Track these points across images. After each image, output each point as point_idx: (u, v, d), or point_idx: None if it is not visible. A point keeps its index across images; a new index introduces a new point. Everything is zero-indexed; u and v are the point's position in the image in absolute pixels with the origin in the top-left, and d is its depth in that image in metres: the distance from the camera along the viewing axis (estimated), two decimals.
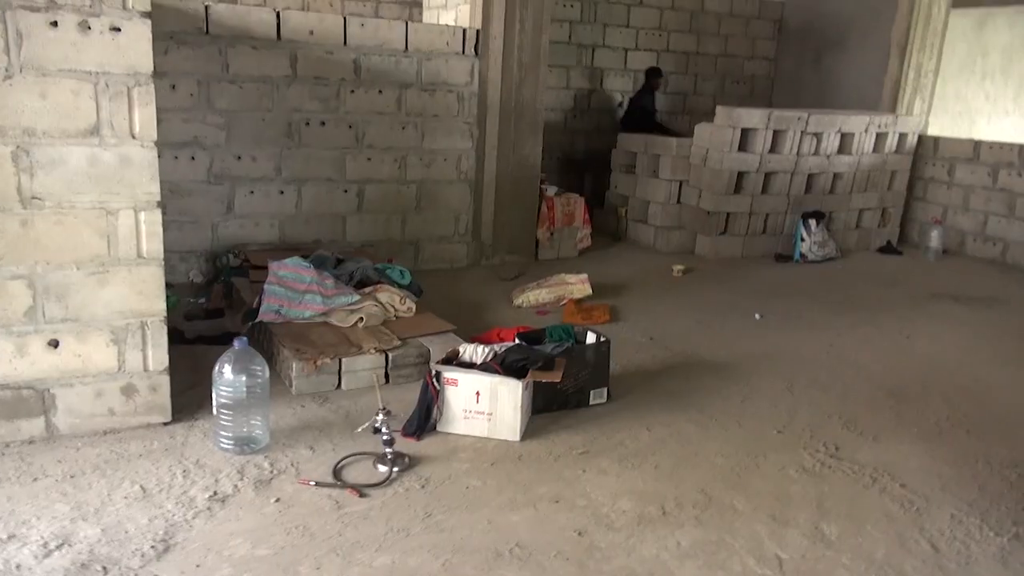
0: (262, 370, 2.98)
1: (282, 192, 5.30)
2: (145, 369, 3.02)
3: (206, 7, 4.86)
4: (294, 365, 3.47)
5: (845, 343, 4.70)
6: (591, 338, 3.66)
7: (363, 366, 3.61)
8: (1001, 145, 7.45)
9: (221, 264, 5.02)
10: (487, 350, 3.37)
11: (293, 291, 3.96)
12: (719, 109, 6.76)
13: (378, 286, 4.24)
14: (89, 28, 2.70)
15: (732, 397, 3.77)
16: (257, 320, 3.91)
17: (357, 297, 4.06)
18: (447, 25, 5.71)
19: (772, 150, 6.84)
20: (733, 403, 3.69)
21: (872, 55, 8.52)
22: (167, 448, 2.94)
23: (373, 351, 3.62)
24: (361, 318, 3.90)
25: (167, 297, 4.61)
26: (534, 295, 5.09)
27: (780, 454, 3.19)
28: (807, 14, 9.51)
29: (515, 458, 3.03)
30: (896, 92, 8.04)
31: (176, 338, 4.05)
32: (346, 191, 5.50)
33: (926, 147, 7.93)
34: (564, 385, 3.40)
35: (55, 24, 2.65)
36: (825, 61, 9.37)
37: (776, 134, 6.81)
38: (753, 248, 7.03)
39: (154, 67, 4.71)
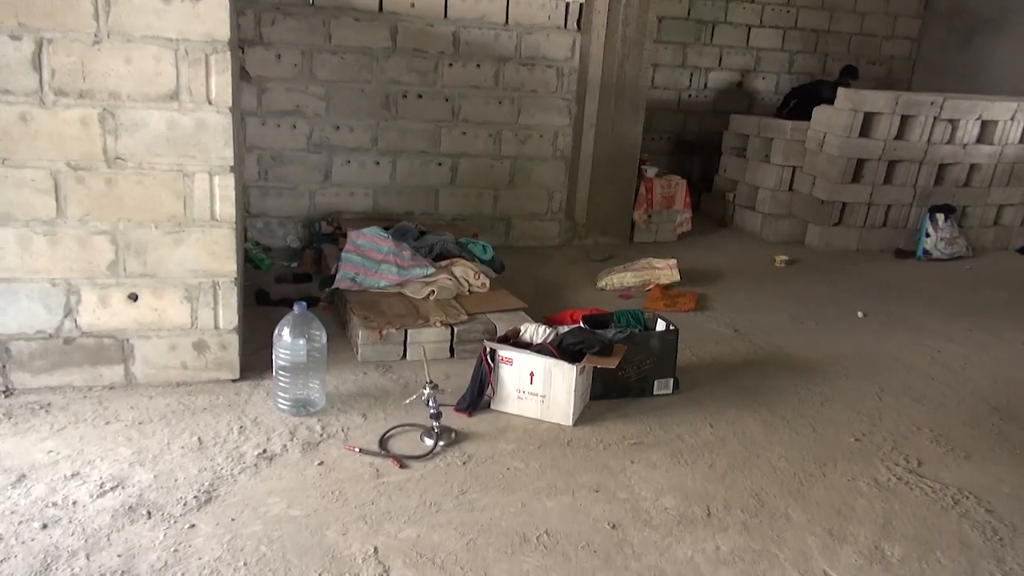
0: (320, 335, 3.05)
1: (377, 163, 5.40)
2: (216, 327, 3.16)
3: None
4: (360, 333, 3.53)
5: (954, 351, 4.30)
6: (661, 326, 3.51)
7: (428, 338, 3.62)
8: None
9: (314, 231, 5.18)
10: (548, 331, 3.31)
11: (370, 260, 4.02)
12: (840, 91, 6.31)
13: (455, 260, 4.24)
14: None
15: (810, 399, 3.52)
16: (333, 287, 4.00)
17: (432, 270, 4.08)
18: None
19: (899, 136, 6.32)
20: (810, 405, 3.45)
21: None
22: (230, 404, 3.07)
23: (439, 324, 3.63)
24: (433, 291, 3.92)
25: (262, 260, 4.88)
26: (619, 278, 4.95)
27: (852, 464, 2.96)
28: None
29: (563, 443, 2.96)
30: None
31: (261, 299, 4.24)
32: (440, 164, 5.54)
33: None
34: (625, 372, 3.28)
35: None
36: (976, 43, 8.56)
37: (904, 119, 6.29)
38: (870, 241, 6.55)
39: (260, 37, 4.95)
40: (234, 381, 3.24)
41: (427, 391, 2.90)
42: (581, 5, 5.53)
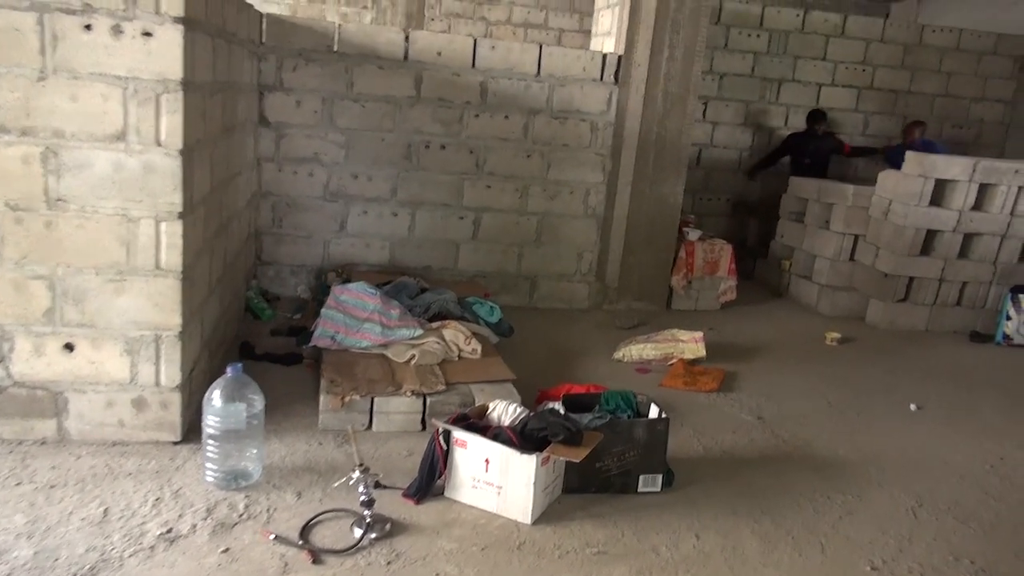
0: (258, 400, 2.76)
1: (395, 214, 5.18)
2: (157, 384, 2.92)
3: (338, 26, 4.87)
4: (321, 399, 3.24)
5: (1022, 459, 3.66)
6: (653, 412, 3.07)
7: (397, 408, 3.30)
8: None
9: (321, 282, 4.97)
10: (519, 411, 2.93)
11: (353, 318, 3.75)
12: (909, 155, 5.74)
13: (446, 322, 3.92)
14: (121, 32, 2.65)
15: (829, 510, 2.99)
16: (311, 344, 3.74)
17: (420, 331, 3.77)
18: (585, 50, 5.32)
19: (976, 207, 5.68)
20: (827, 518, 2.93)
21: None
22: (159, 470, 2.81)
23: (409, 393, 3.30)
24: (414, 355, 3.60)
25: (262, 310, 4.69)
26: (638, 349, 4.52)
27: None
28: None
29: (513, 546, 2.55)
30: None
31: (245, 352, 4.02)
32: (462, 218, 5.28)
33: None
34: (604, 464, 2.86)
35: (89, 27, 2.63)
36: None
37: (983, 188, 5.66)
38: (941, 322, 5.87)
39: (281, 82, 4.86)
40: (174, 444, 2.99)
41: (356, 474, 2.56)
42: (619, 58, 5.23)
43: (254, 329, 4.45)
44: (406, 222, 5.21)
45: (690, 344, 4.50)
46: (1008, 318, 5.73)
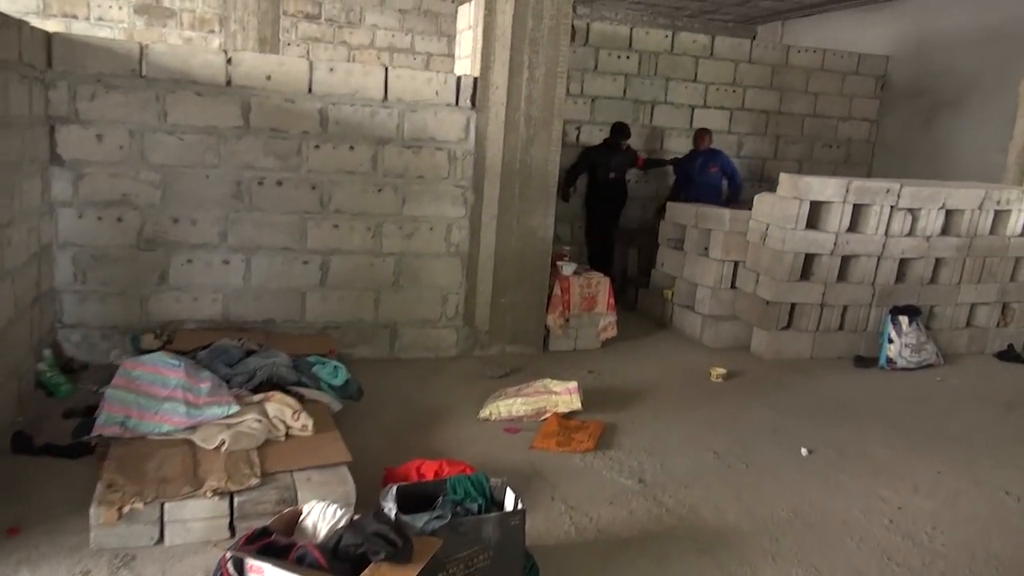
0: None
1: (227, 262, 4.50)
2: None
3: (142, 46, 4.19)
4: (92, 511, 2.55)
5: (919, 507, 3.35)
6: (509, 500, 2.55)
7: (197, 513, 2.64)
8: None
9: (133, 346, 4.23)
10: (341, 513, 2.34)
11: (150, 398, 3.07)
12: (783, 177, 5.53)
13: (270, 394, 3.29)
14: None
15: None
16: (93, 434, 3.03)
17: (236, 408, 3.13)
18: (437, 72, 4.84)
19: (852, 228, 5.52)
20: None
21: (996, 118, 7.06)
22: None
23: (210, 494, 2.65)
24: (224, 440, 2.95)
25: (57, 386, 3.90)
26: (507, 405, 4.01)
27: None
28: (916, 69, 8.13)
29: None
30: (1022, 161, 6.54)
31: (20, 444, 3.26)
32: (306, 263, 4.65)
33: None
34: (450, 573, 2.30)
35: None
36: (938, 124, 7.93)
37: (857, 209, 5.50)
38: (825, 348, 5.67)
39: (76, 114, 4.12)
40: None
41: None
42: (475, 80, 4.77)
43: (46, 410, 3.67)
44: (240, 270, 4.54)
45: (564, 396, 4.02)
46: (890, 341, 5.57)
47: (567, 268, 5.35)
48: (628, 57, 7.40)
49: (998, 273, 6.11)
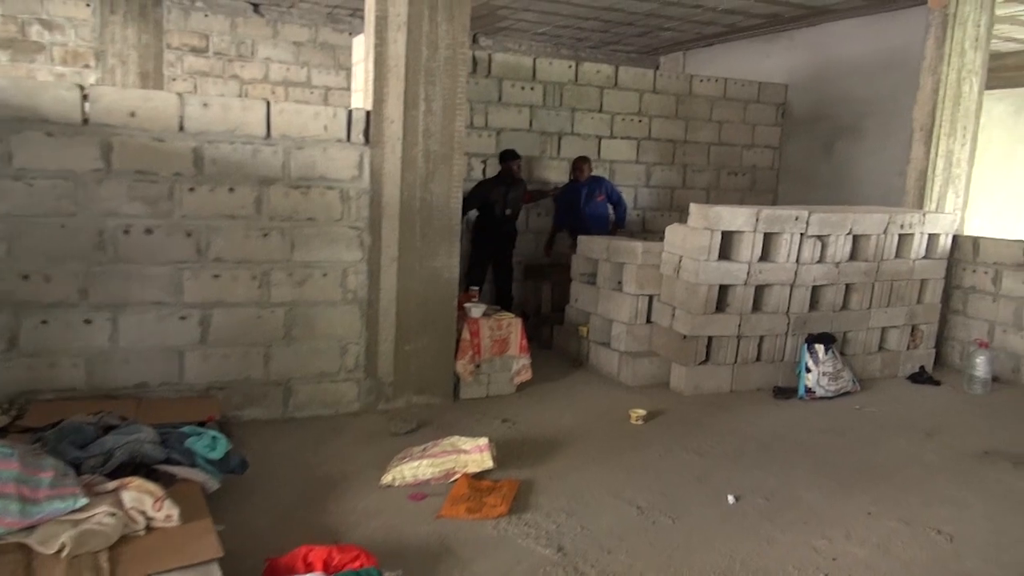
0: None
1: (89, 321, 3.99)
2: None
3: None
4: None
5: (853, 556, 3.15)
6: None
7: None
8: None
9: None
10: None
11: None
12: (693, 207, 5.39)
13: (127, 480, 2.82)
14: None
15: None
16: None
17: (84, 500, 2.65)
18: (324, 106, 4.51)
19: (764, 258, 5.42)
20: None
21: (894, 142, 7.20)
22: None
23: None
24: (64, 543, 2.47)
25: None
26: (412, 469, 3.63)
27: None
28: (815, 96, 8.27)
29: None
30: (923, 184, 6.65)
31: None
32: (184, 318, 4.17)
33: (964, 250, 6.47)
34: None
35: None
36: (838, 149, 8.06)
37: (768, 238, 5.41)
38: (745, 380, 5.52)
39: None
40: None
41: None
42: (368, 114, 4.44)
43: None
44: (106, 330, 4.03)
45: (474, 455, 3.68)
46: (807, 370, 5.47)
47: (475, 310, 5.04)
48: (532, 88, 7.23)
49: (906, 296, 6.14)
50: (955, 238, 6.41)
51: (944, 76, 6.46)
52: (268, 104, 4.22)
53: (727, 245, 5.31)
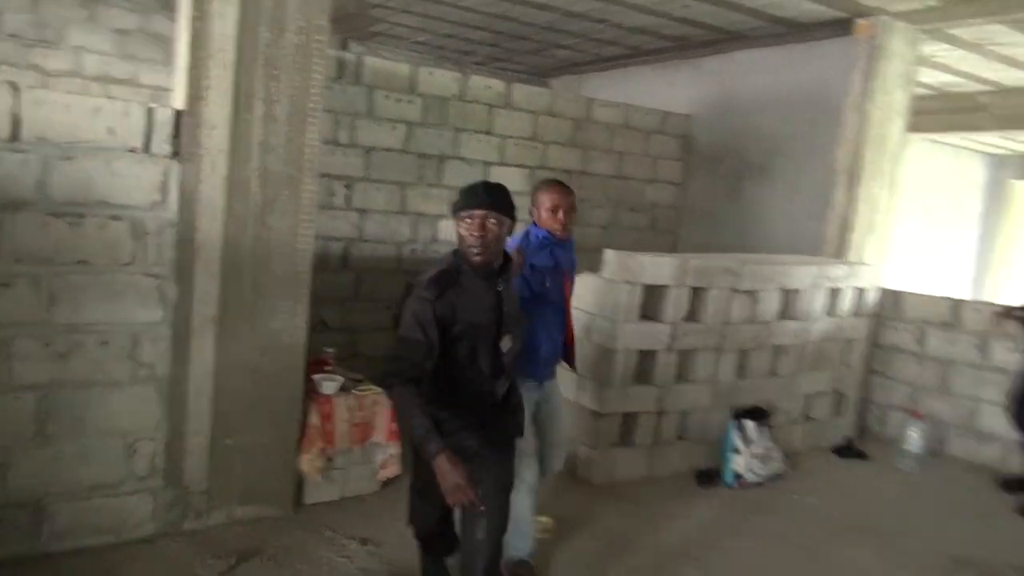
0: None
1: None
2: None
3: None
4: None
5: None
6: None
7: None
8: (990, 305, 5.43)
9: None
10: None
11: None
12: (610, 255, 4.37)
13: None
14: None
15: None
16: None
17: None
18: (110, 99, 3.16)
19: (690, 317, 4.49)
20: None
21: (807, 183, 6.53)
22: None
23: None
24: None
25: None
26: None
27: None
28: (721, 130, 7.53)
29: None
30: (843, 232, 5.99)
31: None
32: None
33: (886, 305, 5.84)
34: None
35: None
36: (746, 189, 7.34)
37: (695, 293, 4.48)
38: (665, 463, 4.54)
39: None
40: None
41: None
42: (178, 114, 3.13)
43: None
44: None
45: None
46: (736, 451, 4.56)
47: (328, 385, 3.77)
48: (411, 101, 6.04)
49: (833, 358, 5.40)
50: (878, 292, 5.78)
51: (869, 114, 5.85)
52: (15, 87, 2.83)
53: (649, 302, 4.33)
